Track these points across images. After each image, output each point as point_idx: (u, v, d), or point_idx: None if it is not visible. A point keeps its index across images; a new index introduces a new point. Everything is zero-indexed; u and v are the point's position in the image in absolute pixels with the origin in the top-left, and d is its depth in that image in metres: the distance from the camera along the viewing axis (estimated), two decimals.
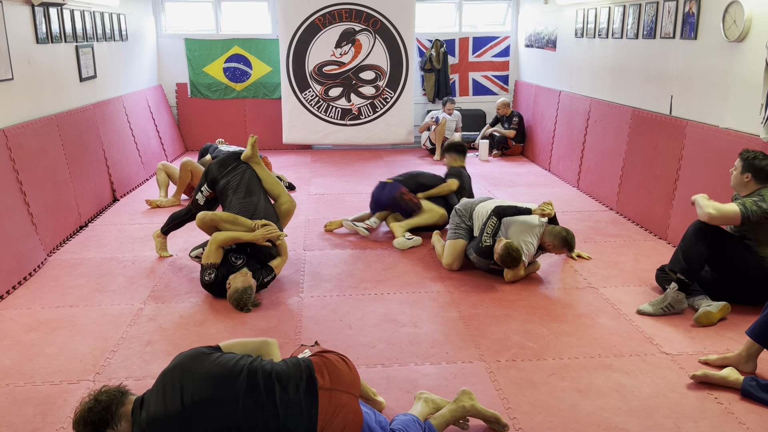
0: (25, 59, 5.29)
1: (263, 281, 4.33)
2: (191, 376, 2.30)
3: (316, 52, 9.10)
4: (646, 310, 4.00)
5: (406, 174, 5.82)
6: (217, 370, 2.32)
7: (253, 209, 4.43)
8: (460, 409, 2.80)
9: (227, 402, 2.25)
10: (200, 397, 2.25)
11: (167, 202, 6.53)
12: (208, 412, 2.23)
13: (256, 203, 4.47)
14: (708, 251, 3.86)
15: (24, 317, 4.01)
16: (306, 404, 2.29)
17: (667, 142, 5.50)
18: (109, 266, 4.87)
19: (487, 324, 3.92)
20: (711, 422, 2.93)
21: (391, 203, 5.52)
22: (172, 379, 2.30)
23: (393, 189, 5.54)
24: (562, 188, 7.34)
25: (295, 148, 9.65)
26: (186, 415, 2.23)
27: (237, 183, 4.56)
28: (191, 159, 6.63)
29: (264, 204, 4.54)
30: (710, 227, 3.86)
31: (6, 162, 4.70)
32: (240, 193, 4.51)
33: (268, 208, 4.55)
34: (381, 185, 5.68)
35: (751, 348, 3.28)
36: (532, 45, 9.19)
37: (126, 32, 7.94)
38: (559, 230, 4.55)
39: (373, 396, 2.95)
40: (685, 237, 3.95)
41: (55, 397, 3.14)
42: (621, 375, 3.33)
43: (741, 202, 3.80)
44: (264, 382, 2.30)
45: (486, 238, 4.51)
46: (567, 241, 4.50)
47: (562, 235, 4.51)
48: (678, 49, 5.44)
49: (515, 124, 9.04)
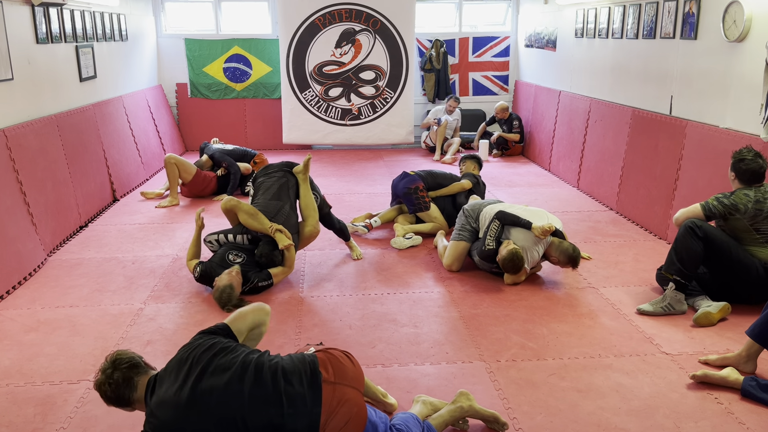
0: (25, 59, 5.29)
1: (257, 284, 4.27)
2: (203, 366, 2.35)
3: (316, 52, 9.10)
4: (646, 309, 4.01)
5: (427, 171, 5.82)
6: (227, 363, 2.37)
7: (275, 212, 4.43)
8: (458, 410, 2.81)
9: (234, 393, 2.30)
10: (209, 386, 2.30)
11: (168, 202, 6.54)
12: (214, 401, 2.28)
13: (280, 207, 4.47)
14: (701, 251, 3.89)
15: (24, 317, 4.01)
16: (310, 397, 2.33)
17: (667, 142, 5.50)
18: (109, 266, 4.87)
19: (487, 324, 3.92)
20: (711, 422, 2.93)
21: (404, 194, 5.52)
22: (188, 368, 2.35)
23: (411, 181, 5.56)
24: (562, 188, 7.34)
25: (295, 148, 9.65)
26: (193, 403, 2.28)
27: (270, 185, 4.60)
28: (172, 153, 6.88)
29: (288, 211, 4.49)
30: (701, 226, 3.91)
31: (6, 162, 4.70)
32: (268, 194, 4.55)
33: (291, 216, 4.50)
34: (402, 174, 5.72)
35: (751, 348, 3.28)
36: (532, 45, 9.19)
37: (126, 32, 7.94)
38: (567, 246, 4.42)
39: (383, 398, 2.97)
40: (677, 238, 3.99)
41: (55, 397, 3.14)
42: (621, 375, 3.33)
43: (707, 200, 3.98)
44: (270, 376, 2.35)
45: (489, 241, 4.49)
46: (573, 259, 4.38)
47: (569, 252, 4.39)
48: (678, 49, 5.44)
49: (516, 128, 9.04)
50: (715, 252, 3.90)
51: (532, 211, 4.69)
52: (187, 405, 2.27)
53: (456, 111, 9.22)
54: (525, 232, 4.46)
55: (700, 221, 3.92)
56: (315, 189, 4.79)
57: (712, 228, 3.93)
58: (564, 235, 4.61)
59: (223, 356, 2.39)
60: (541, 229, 4.36)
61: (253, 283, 4.25)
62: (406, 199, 5.55)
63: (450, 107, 9.10)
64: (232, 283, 4.06)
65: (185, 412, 2.27)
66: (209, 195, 6.87)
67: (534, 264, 4.52)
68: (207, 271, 4.26)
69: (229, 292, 4.02)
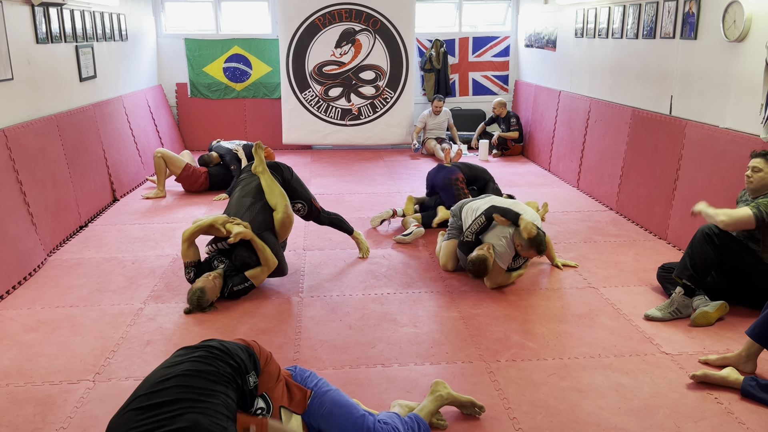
0: (25, 59, 5.29)
1: (232, 289, 4.19)
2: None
3: (316, 52, 9.10)
4: (654, 315, 3.95)
5: (463, 163, 5.82)
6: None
7: (244, 209, 4.36)
8: (440, 398, 2.90)
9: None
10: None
11: (154, 194, 6.87)
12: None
13: (250, 204, 4.39)
14: (715, 257, 3.83)
15: (24, 317, 4.01)
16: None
17: (667, 142, 5.50)
18: (109, 266, 4.87)
19: (487, 324, 3.92)
20: (711, 422, 2.93)
21: (444, 186, 5.46)
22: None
23: (450, 172, 5.53)
24: (562, 188, 7.34)
25: (294, 148, 9.65)
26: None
27: (248, 183, 4.57)
28: (161, 148, 7.30)
29: (258, 209, 4.39)
30: (718, 233, 3.82)
31: (6, 162, 4.70)
32: (243, 191, 4.52)
33: (260, 213, 4.37)
34: (438, 167, 5.71)
35: (751, 348, 3.28)
36: (532, 45, 9.20)
37: (126, 32, 7.94)
38: (528, 229, 4.27)
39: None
40: (692, 243, 3.90)
41: (55, 397, 3.14)
42: (621, 375, 3.33)
43: (754, 204, 3.74)
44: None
45: (468, 234, 4.48)
46: (534, 242, 4.24)
47: (531, 236, 4.24)
48: (678, 49, 5.44)
49: (515, 126, 9.04)
50: (730, 260, 3.85)
51: (508, 204, 4.59)
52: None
53: (444, 111, 9.18)
54: (495, 229, 4.39)
55: (717, 228, 3.81)
56: (300, 194, 4.72)
57: (729, 236, 3.85)
58: (543, 232, 4.49)
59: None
60: (526, 227, 4.27)
61: (229, 288, 4.19)
62: (446, 190, 5.46)
63: (436, 108, 9.06)
64: (204, 287, 4.03)
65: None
66: (202, 190, 7.11)
67: (509, 260, 4.40)
68: (196, 275, 4.25)
69: (198, 295, 4.00)
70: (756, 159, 3.85)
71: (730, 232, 3.84)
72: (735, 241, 3.87)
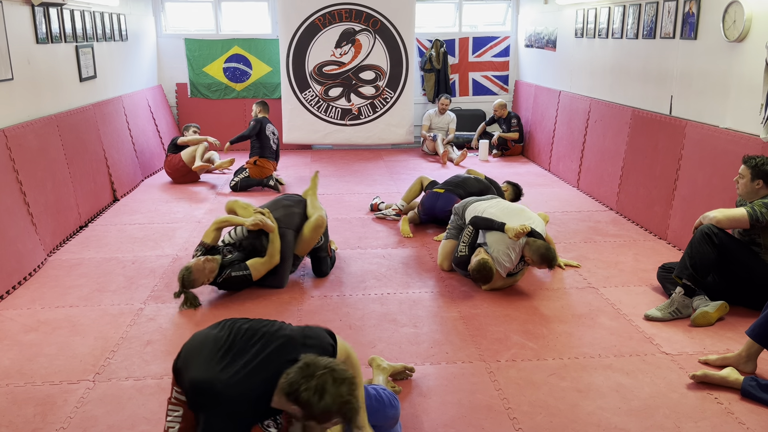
0: (25, 59, 5.29)
1: (230, 274, 4.21)
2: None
3: (316, 52, 9.10)
4: (654, 315, 3.95)
5: (453, 182, 5.70)
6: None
7: (280, 206, 4.59)
8: (384, 370, 3.15)
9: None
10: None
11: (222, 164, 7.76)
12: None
13: (285, 205, 4.61)
14: (715, 257, 3.83)
15: (24, 317, 4.01)
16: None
17: (667, 142, 5.50)
18: (109, 266, 4.87)
19: (487, 324, 3.92)
20: (711, 422, 2.93)
21: (447, 216, 5.27)
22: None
23: (448, 201, 5.40)
24: (562, 188, 7.34)
25: (295, 148, 9.65)
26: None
27: (291, 196, 4.83)
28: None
29: (294, 211, 4.57)
30: (717, 233, 3.82)
31: (6, 162, 4.70)
32: (286, 198, 4.78)
33: (292, 214, 4.55)
34: (434, 196, 5.59)
35: (751, 348, 3.28)
36: (532, 45, 9.20)
37: (126, 32, 7.94)
38: (539, 245, 4.24)
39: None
40: (691, 243, 3.90)
41: (55, 397, 3.14)
42: (621, 375, 3.33)
43: (750, 205, 3.79)
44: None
45: (462, 247, 4.46)
46: (546, 259, 4.22)
47: (541, 251, 4.21)
48: (678, 49, 5.44)
49: (515, 126, 9.04)
50: (729, 260, 3.85)
51: (512, 210, 4.54)
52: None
53: (449, 115, 9.16)
54: (499, 236, 4.35)
55: (717, 228, 3.83)
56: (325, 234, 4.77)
57: (728, 236, 3.87)
58: (543, 236, 4.42)
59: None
60: (514, 231, 4.23)
61: (227, 274, 4.21)
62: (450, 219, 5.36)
63: (442, 105, 9.06)
64: (191, 266, 4.08)
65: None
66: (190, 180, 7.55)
67: (511, 269, 4.37)
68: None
69: (184, 274, 4.06)
70: (742, 166, 3.90)
71: (730, 232, 3.86)
72: (735, 241, 3.88)
